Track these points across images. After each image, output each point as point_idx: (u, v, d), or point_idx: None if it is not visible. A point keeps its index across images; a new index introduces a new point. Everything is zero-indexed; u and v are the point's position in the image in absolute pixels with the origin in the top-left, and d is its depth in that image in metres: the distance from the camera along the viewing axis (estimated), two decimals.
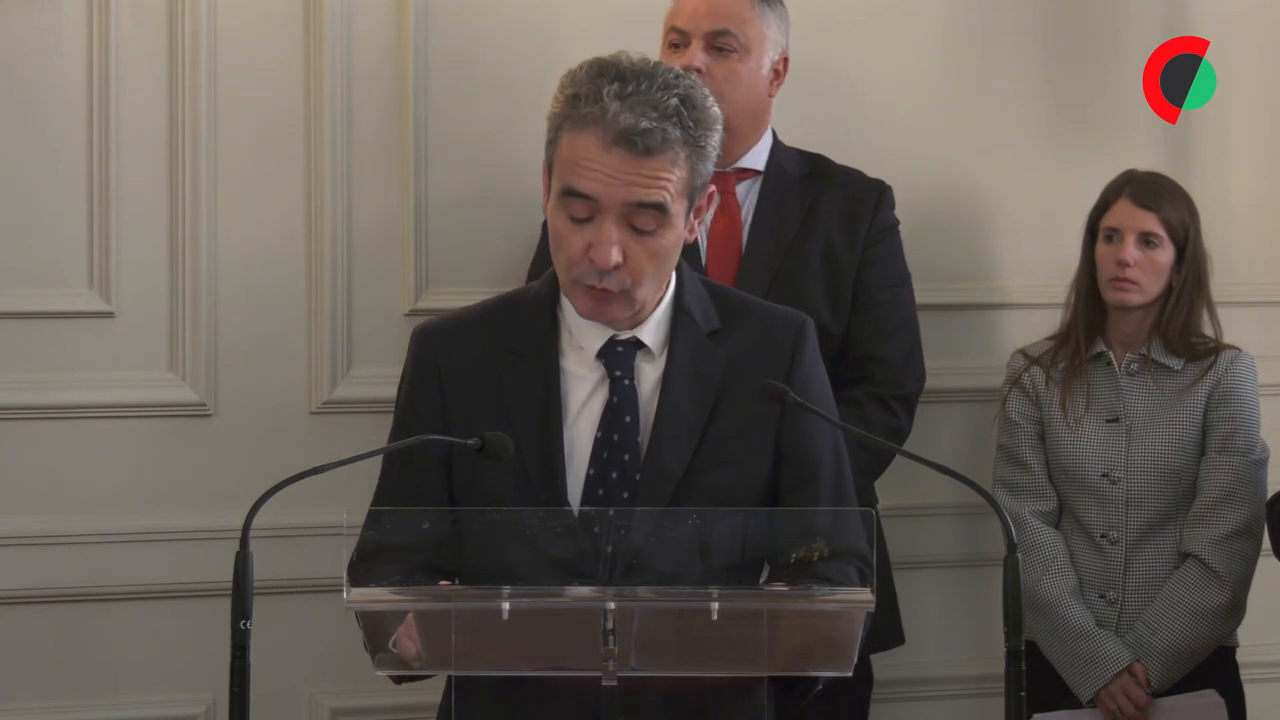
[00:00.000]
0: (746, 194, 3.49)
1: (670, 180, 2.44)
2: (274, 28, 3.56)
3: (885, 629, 3.56)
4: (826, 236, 3.47)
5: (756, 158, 3.50)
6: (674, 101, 2.43)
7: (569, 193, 2.44)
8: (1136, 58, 3.92)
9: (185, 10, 3.50)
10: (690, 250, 3.35)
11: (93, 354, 3.50)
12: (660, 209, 2.44)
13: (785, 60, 3.48)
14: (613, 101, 2.41)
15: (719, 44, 3.39)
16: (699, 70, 3.34)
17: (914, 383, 3.53)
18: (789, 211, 3.47)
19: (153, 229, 3.52)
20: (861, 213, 3.51)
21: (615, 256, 2.44)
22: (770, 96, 3.48)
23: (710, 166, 2.51)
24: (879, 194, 3.54)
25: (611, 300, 2.49)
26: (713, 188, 2.55)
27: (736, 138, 3.42)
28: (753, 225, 3.46)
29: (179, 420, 3.54)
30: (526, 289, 2.66)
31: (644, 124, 2.40)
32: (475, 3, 3.67)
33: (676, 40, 3.41)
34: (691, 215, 2.52)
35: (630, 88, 2.42)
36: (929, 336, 3.64)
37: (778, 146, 3.53)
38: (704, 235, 3.44)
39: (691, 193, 2.48)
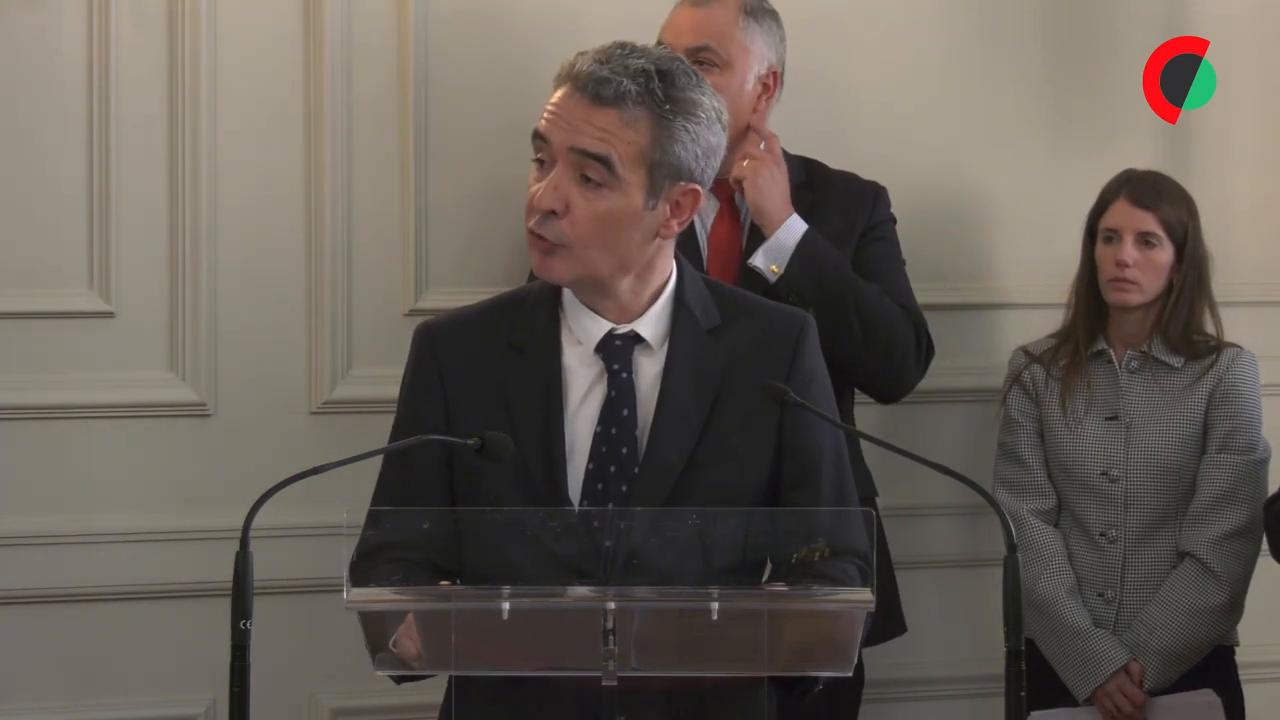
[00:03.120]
0: (744, 201, 3.49)
1: (619, 136, 2.45)
2: (274, 27, 3.56)
3: (886, 619, 3.57)
4: (827, 239, 3.48)
5: None
6: (647, 67, 2.46)
7: (533, 137, 2.51)
8: (1136, 58, 3.92)
9: (185, 10, 3.50)
10: (691, 256, 3.37)
11: (93, 354, 3.50)
12: (605, 161, 2.45)
13: (775, 74, 3.48)
14: (589, 57, 2.47)
15: (699, 59, 3.40)
16: None
17: (926, 337, 3.51)
18: None
19: (153, 229, 3.52)
20: (860, 213, 3.53)
21: (550, 199, 2.47)
22: (757, 110, 3.48)
23: (683, 152, 2.49)
24: (875, 194, 3.56)
25: (554, 254, 2.50)
26: (695, 186, 2.53)
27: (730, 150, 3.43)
28: (752, 231, 3.46)
29: (179, 420, 3.54)
30: (528, 287, 2.67)
31: (603, 73, 2.45)
32: (475, 2, 3.67)
33: None
34: (662, 204, 2.51)
35: (616, 52, 2.47)
36: None
37: None
38: (704, 241, 3.45)
39: (652, 166, 2.47)
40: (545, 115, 2.50)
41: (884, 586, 3.55)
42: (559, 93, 2.49)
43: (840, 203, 3.52)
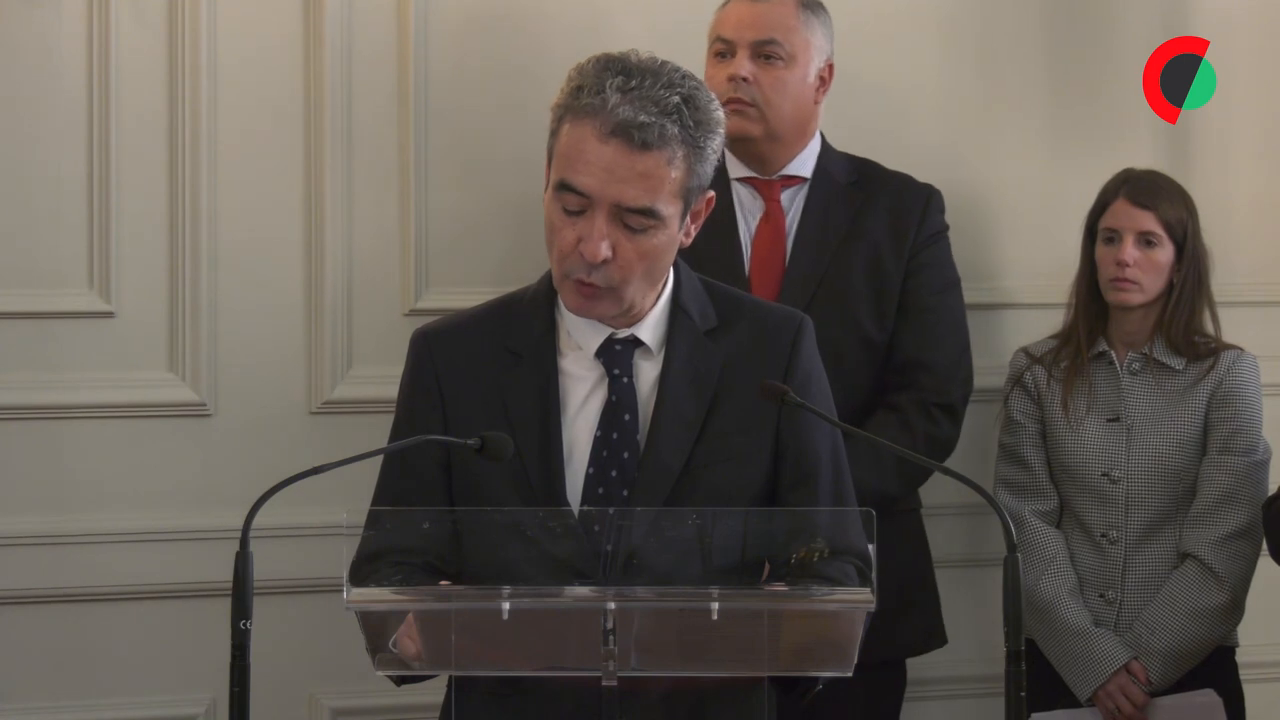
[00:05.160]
0: (791, 201, 3.48)
1: (664, 179, 2.44)
2: (274, 26, 3.56)
3: (930, 630, 3.58)
4: (873, 245, 3.46)
5: (803, 165, 3.49)
6: (675, 99, 2.43)
7: (563, 186, 2.45)
8: (1136, 58, 3.92)
9: (185, 10, 3.50)
10: (734, 258, 3.37)
11: (93, 354, 3.50)
12: (651, 213, 2.44)
13: (830, 66, 3.47)
14: (614, 94, 2.42)
15: (765, 52, 3.39)
16: (745, 79, 3.35)
17: (959, 389, 3.52)
18: (835, 219, 3.46)
19: (153, 229, 3.51)
20: (909, 220, 3.50)
21: (604, 252, 2.44)
22: (816, 104, 3.48)
23: (709, 170, 2.51)
24: (926, 199, 3.54)
25: (600, 297, 2.49)
26: (711, 193, 2.55)
27: (782, 145, 3.44)
28: (798, 233, 3.45)
29: (179, 420, 3.54)
30: (524, 290, 2.66)
31: (642, 118, 2.41)
32: (475, 1, 3.67)
33: (722, 49, 3.41)
34: (688, 218, 2.52)
35: (634, 82, 2.43)
36: None
37: (826, 152, 3.52)
38: (748, 243, 3.44)
39: (687, 194, 2.48)
40: (583, 169, 2.43)
41: (928, 597, 3.56)
42: (590, 137, 2.43)
43: (890, 209, 3.50)
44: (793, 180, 3.48)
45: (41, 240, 3.47)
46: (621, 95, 2.42)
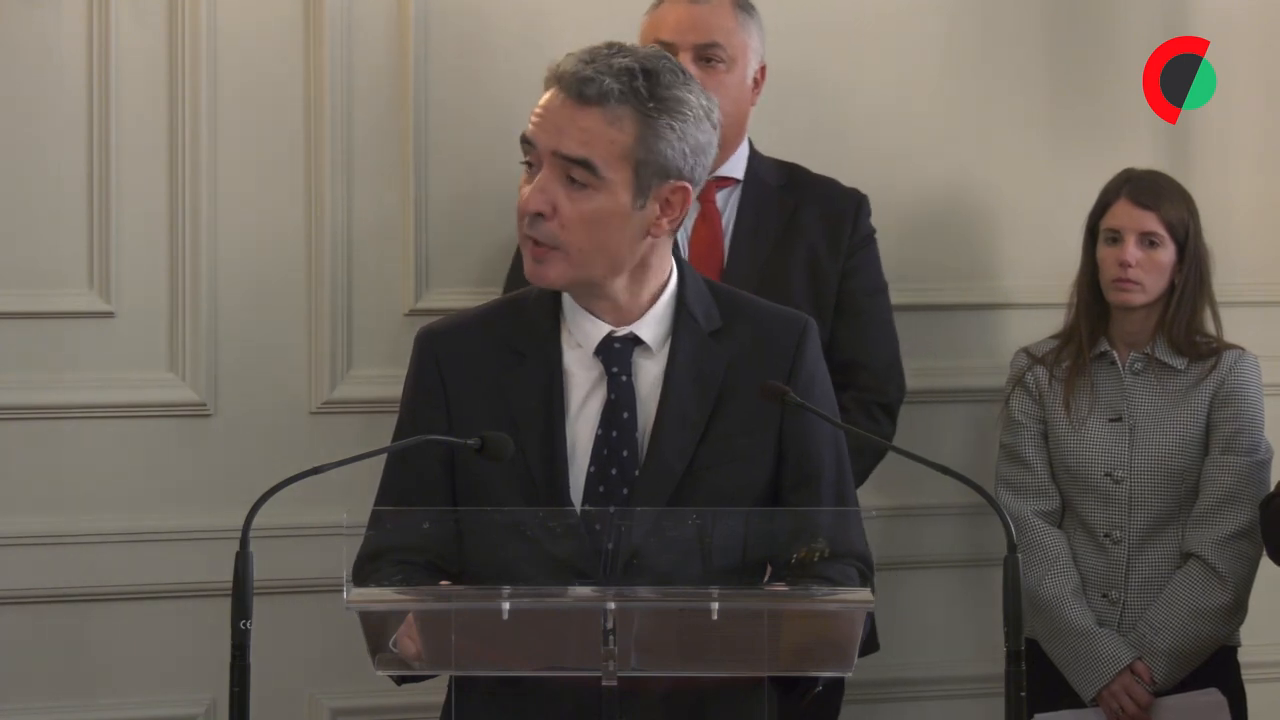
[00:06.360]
0: (725, 202, 3.49)
1: (603, 137, 2.43)
2: (274, 27, 3.56)
3: (869, 633, 3.57)
4: (809, 246, 3.48)
5: (735, 166, 3.50)
6: (632, 65, 2.44)
7: (521, 139, 2.49)
8: (1136, 58, 3.92)
9: (185, 10, 3.51)
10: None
11: (93, 354, 3.50)
12: (586, 164, 2.43)
13: (763, 69, 3.48)
14: (578, 56, 2.45)
15: (708, 55, 3.39)
16: None
17: (895, 391, 3.55)
18: (769, 220, 3.48)
19: (153, 229, 3.52)
20: (843, 222, 3.52)
21: (538, 202, 2.44)
22: (752, 105, 3.48)
23: (670, 152, 2.46)
24: (858, 204, 3.56)
25: (548, 260, 2.47)
26: (684, 184, 2.49)
27: (721, 148, 3.43)
28: (734, 233, 3.46)
29: (179, 420, 3.54)
30: (529, 290, 2.65)
31: (586, 72, 2.42)
32: (475, 1, 3.67)
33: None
34: (653, 201, 2.48)
35: (603, 51, 2.45)
36: (930, 337, 3.65)
37: (755, 155, 3.53)
38: (685, 242, 3.44)
39: (638, 165, 2.45)
40: (531, 119, 2.48)
41: None
42: (545, 95, 2.47)
43: (822, 212, 3.51)
44: (726, 181, 3.49)
45: (41, 240, 3.47)
46: (579, 58, 2.45)
